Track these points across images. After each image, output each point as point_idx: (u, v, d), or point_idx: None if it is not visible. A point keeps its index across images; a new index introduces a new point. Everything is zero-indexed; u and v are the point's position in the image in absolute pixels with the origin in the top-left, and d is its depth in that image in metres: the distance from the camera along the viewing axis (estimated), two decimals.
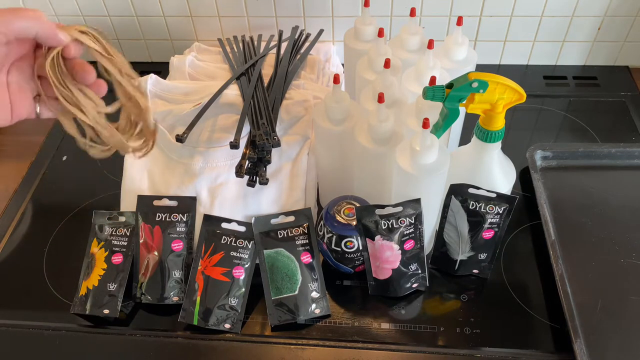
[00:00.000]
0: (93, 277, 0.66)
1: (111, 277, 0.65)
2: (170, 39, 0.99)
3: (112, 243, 0.67)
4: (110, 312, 0.63)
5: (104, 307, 0.64)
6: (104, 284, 0.65)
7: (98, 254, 0.67)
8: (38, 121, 0.48)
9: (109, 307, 0.64)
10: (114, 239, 0.68)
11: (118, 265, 0.66)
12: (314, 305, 0.64)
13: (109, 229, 0.69)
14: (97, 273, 0.66)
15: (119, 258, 0.66)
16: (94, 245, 0.68)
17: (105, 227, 0.69)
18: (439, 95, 0.56)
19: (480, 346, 0.61)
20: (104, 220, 0.69)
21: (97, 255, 0.67)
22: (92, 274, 0.66)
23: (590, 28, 0.91)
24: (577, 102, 0.90)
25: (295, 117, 0.77)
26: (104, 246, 0.67)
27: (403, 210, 0.61)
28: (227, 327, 0.63)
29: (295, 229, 0.67)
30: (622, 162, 0.77)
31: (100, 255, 0.67)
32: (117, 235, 0.68)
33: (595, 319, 0.61)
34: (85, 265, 0.68)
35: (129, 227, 0.68)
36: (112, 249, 0.67)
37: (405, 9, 0.86)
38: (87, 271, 0.67)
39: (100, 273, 0.65)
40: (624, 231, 0.69)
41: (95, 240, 0.68)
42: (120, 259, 0.66)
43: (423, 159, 0.57)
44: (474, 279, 0.67)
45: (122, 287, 0.65)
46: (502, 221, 0.62)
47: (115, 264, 0.66)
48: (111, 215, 0.69)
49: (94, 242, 0.68)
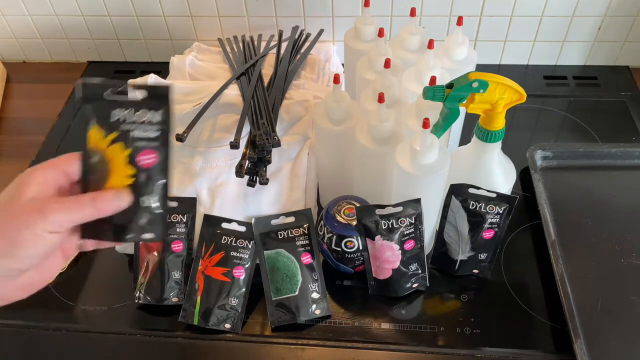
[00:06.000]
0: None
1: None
2: (170, 39, 0.99)
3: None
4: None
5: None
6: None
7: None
8: (38, 121, 0.49)
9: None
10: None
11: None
12: (315, 306, 0.64)
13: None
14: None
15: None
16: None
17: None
18: (439, 95, 0.56)
19: (480, 346, 0.61)
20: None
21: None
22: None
23: (591, 28, 0.91)
24: (578, 102, 0.90)
25: (296, 117, 0.77)
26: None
27: (403, 210, 0.61)
28: (228, 327, 0.63)
29: (296, 230, 0.67)
30: (623, 162, 0.77)
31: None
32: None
33: (596, 319, 0.61)
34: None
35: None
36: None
37: (406, 8, 0.86)
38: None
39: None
40: (624, 231, 0.69)
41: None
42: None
43: (423, 159, 0.57)
44: (474, 279, 0.67)
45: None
46: (502, 221, 0.62)
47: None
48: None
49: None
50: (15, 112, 0.95)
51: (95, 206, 0.42)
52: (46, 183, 0.42)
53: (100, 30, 0.98)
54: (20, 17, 0.97)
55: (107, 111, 0.43)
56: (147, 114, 0.43)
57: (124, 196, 0.43)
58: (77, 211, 0.41)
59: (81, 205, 0.41)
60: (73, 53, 1.03)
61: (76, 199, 0.42)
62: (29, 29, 0.99)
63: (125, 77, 0.86)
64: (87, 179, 0.44)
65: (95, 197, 0.42)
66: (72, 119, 0.91)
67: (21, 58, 1.05)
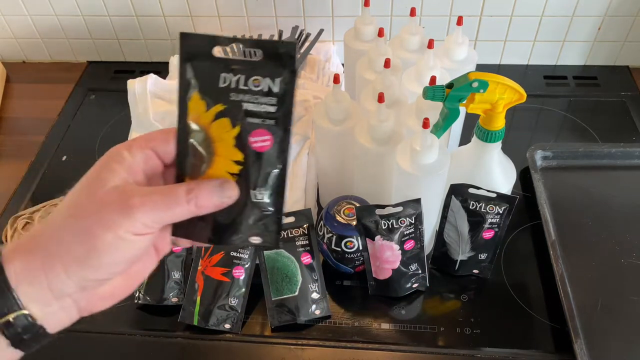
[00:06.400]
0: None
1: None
2: (170, 39, 0.98)
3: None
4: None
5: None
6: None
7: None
8: (37, 121, 0.48)
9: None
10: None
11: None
12: (314, 306, 0.64)
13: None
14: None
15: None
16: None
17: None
18: (439, 95, 0.56)
19: (480, 346, 0.61)
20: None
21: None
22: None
23: (591, 28, 0.91)
24: (577, 102, 0.90)
25: (295, 117, 0.77)
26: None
27: (403, 210, 0.61)
28: (227, 327, 0.63)
29: (295, 230, 0.66)
30: (622, 162, 0.77)
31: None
32: None
33: (596, 319, 0.61)
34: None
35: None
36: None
37: (406, 8, 0.86)
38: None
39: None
40: (624, 231, 0.69)
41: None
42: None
43: (423, 159, 0.57)
44: (474, 279, 0.67)
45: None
46: (502, 221, 0.62)
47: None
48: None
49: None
50: (15, 112, 0.95)
51: (194, 202, 0.33)
52: (133, 167, 0.34)
53: (100, 30, 0.98)
54: (20, 17, 0.97)
55: (213, 75, 0.33)
56: (264, 81, 0.33)
57: (231, 189, 0.34)
58: (170, 208, 0.33)
59: (176, 201, 0.33)
60: (73, 53, 1.03)
61: (169, 191, 0.33)
62: (29, 29, 0.99)
63: (124, 77, 0.86)
64: (183, 162, 0.35)
65: (193, 190, 0.33)
66: (72, 119, 0.92)
67: (21, 58, 1.05)
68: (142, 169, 0.34)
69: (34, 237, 0.33)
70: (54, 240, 0.32)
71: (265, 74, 0.33)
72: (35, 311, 0.33)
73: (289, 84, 0.33)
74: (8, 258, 0.32)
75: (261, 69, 0.32)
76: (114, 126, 0.89)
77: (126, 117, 0.84)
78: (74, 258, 0.32)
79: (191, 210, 0.33)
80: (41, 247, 0.33)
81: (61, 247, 0.32)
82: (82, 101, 0.95)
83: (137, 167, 0.34)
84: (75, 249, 0.32)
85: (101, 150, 0.87)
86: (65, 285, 0.33)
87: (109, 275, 0.34)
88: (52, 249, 0.32)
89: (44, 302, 0.33)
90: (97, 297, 0.35)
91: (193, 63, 0.33)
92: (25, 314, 0.32)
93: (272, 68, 0.32)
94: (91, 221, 0.32)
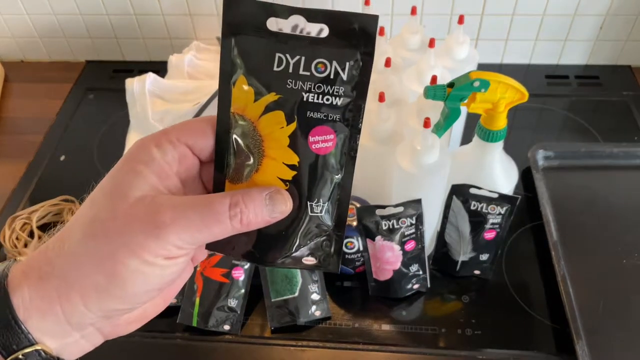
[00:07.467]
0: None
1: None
2: (169, 38, 0.98)
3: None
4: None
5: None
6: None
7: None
8: (36, 121, 0.48)
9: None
10: None
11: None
12: (314, 307, 0.63)
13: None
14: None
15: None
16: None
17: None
18: (440, 94, 0.56)
19: (481, 347, 0.60)
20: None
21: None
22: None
23: (593, 27, 0.90)
24: (579, 101, 0.90)
25: None
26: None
27: (404, 211, 0.60)
28: (227, 328, 0.62)
29: None
30: (624, 162, 0.77)
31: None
32: None
33: (598, 319, 0.61)
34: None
35: None
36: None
37: (406, 7, 0.85)
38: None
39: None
40: (626, 231, 0.69)
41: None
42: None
43: (424, 158, 0.57)
44: (476, 279, 0.67)
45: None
46: (504, 221, 0.62)
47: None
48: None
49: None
50: (13, 111, 0.94)
51: (238, 218, 0.27)
52: (164, 169, 0.28)
53: (99, 29, 0.98)
54: (18, 16, 0.97)
55: (266, 54, 0.26)
56: (329, 66, 0.26)
57: (283, 202, 0.28)
58: (208, 227, 0.27)
59: (216, 218, 0.27)
60: (71, 52, 1.02)
61: (208, 204, 0.27)
62: (27, 28, 0.99)
63: (123, 76, 0.86)
64: (223, 164, 0.29)
65: (238, 204, 0.27)
66: (71, 119, 0.91)
67: (19, 57, 1.05)
68: (175, 171, 0.28)
69: (49, 259, 0.28)
70: (72, 265, 0.27)
71: (333, 56, 0.26)
72: (51, 344, 0.28)
73: (363, 70, 0.26)
74: (16, 284, 0.28)
75: (328, 49, 0.26)
76: (113, 126, 0.89)
77: (125, 117, 0.83)
78: (94, 287, 0.27)
79: (235, 228, 0.27)
80: (56, 274, 0.28)
81: (79, 274, 0.27)
82: (81, 101, 0.95)
83: (168, 170, 0.28)
84: (95, 277, 0.27)
85: (100, 150, 0.88)
86: (85, 317, 0.28)
87: (136, 305, 0.29)
88: (69, 276, 0.27)
89: (61, 335, 0.29)
90: (125, 322, 0.31)
91: (240, 38, 0.26)
92: (38, 349, 0.28)
93: (342, 48, 0.26)
94: (115, 245, 0.26)
